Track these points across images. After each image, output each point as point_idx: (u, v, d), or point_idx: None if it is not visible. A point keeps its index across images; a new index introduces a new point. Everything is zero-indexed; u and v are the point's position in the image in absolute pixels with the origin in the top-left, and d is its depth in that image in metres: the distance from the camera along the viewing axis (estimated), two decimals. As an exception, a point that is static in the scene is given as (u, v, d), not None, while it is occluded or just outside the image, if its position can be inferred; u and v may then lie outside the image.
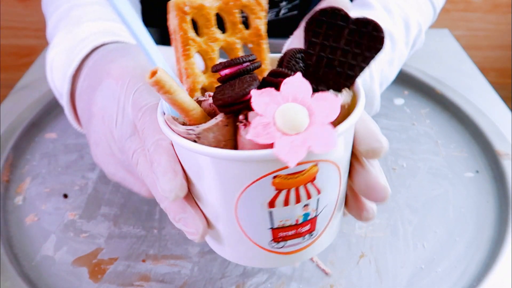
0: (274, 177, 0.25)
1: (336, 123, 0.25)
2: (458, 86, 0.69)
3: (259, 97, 0.24)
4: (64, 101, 0.41)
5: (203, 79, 0.30)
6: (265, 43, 0.31)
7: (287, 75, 0.25)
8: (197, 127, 0.26)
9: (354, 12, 0.52)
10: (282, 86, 0.24)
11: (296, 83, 0.24)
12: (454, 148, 0.58)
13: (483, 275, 0.42)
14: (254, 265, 0.32)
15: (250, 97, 0.24)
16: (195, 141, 0.26)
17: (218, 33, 0.29)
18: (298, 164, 0.24)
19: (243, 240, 0.29)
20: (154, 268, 0.43)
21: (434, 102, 0.67)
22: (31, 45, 1.35)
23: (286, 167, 0.25)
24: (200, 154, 0.26)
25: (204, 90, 0.30)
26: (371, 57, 0.27)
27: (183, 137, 0.26)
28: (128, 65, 0.35)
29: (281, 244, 0.29)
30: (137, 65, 0.35)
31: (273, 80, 0.26)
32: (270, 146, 0.23)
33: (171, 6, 0.27)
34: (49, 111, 0.64)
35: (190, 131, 0.26)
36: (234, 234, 0.29)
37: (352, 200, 0.32)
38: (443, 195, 0.51)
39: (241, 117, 0.26)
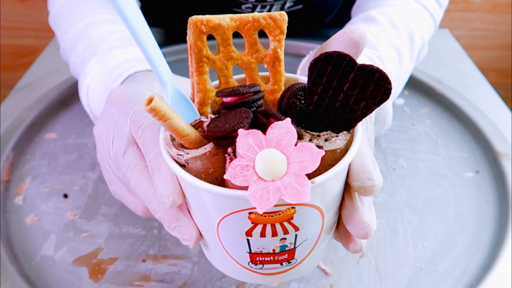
0: (250, 213, 0.26)
1: (325, 166, 0.26)
2: (458, 86, 0.69)
3: (244, 138, 0.25)
4: None
5: (214, 94, 0.31)
6: (280, 65, 0.31)
7: (278, 119, 0.26)
8: (187, 153, 0.27)
9: (360, 24, 0.51)
10: (269, 130, 0.25)
11: (283, 129, 0.25)
12: (454, 148, 0.58)
13: (483, 275, 0.42)
14: (237, 278, 0.33)
15: (237, 135, 0.25)
16: (184, 166, 0.27)
17: (234, 52, 0.30)
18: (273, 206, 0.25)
19: (226, 257, 0.31)
20: (154, 268, 0.43)
21: (434, 102, 0.67)
22: (31, 45, 1.35)
23: None
24: (183, 180, 0.28)
25: (215, 105, 0.32)
26: (376, 104, 0.27)
27: (175, 160, 0.28)
28: (126, 91, 0.36)
29: (260, 266, 0.30)
30: (135, 90, 0.36)
31: (264, 121, 0.27)
32: (245, 188, 0.24)
33: (189, 23, 0.29)
34: (49, 111, 0.64)
35: (180, 157, 0.27)
36: (218, 250, 0.31)
37: (342, 230, 0.32)
38: (443, 195, 0.51)
39: (229, 150, 0.27)
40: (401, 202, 0.50)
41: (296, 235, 0.28)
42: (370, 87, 0.27)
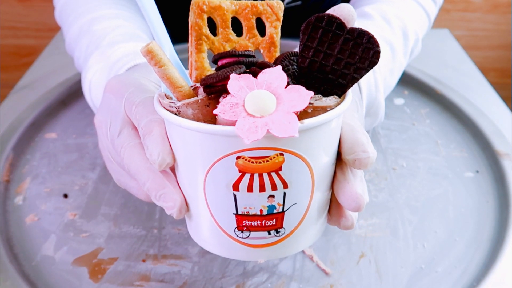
0: (238, 157, 0.26)
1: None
2: (458, 86, 0.69)
3: (236, 81, 0.26)
4: None
5: (211, 72, 0.31)
6: (276, 51, 0.32)
7: (269, 67, 0.27)
8: (179, 101, 0.28)
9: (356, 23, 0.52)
10: (260, 75, 0.26)
11: (274, 74, 0.26)
12: (454, 148, 0.58)
13: (483, 275, 0.42)
14: (223, 255, 0.32)
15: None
16: (176, 115, 0.28)
17: (232, 35, 0.31)
18: (259, 148, 0.26)
19: (211, 226, 0.30)
20: (154, 268, 0.43)
21: (434, 102, 0.67)
22: (31, 45, 1.35)
23: (249, 149, 0.26)
24: (169, 122, 0.28)
25: None
26: (365, 69, 0.28)
27: (166, 109, 0.28)
28: (121, 78, 0.37)
29: (246, 233, 0.29)
30: (131, 76, 0.37)
31: (256, 71, 0.27)
32: (233, 122, 0.25)
33: (192, 3, 0.30)
34: (49, 111, 0.64)
35: (172, 104, 0.28)
36: (203, 218, 0.30)
37: (334, 206, 0.33)
38: (443, 195, 0.51)
39: (221, 99, 0.27)
40: (401, 202, 0.50)
41: (284, 193, 0.28)
42: (359, 50, 0.27)
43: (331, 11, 0.32)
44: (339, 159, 0.30)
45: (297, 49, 0.30)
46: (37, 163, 0.56)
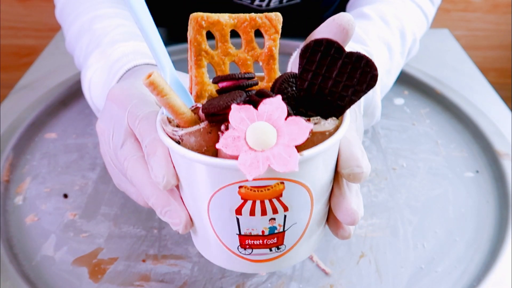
0: (240, 187, 0.27)
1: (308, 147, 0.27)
2: (458, 86, 0.69)
3: (237, 112, 0.26)
4: None
5: (211, 88, 0.32)
6: (275, 63, 0.32)
7: (269, 96, 0.27)
8: (181, 129, 0.28)
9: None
10: (261, 105, 0.26)
11: (274, 105, 0.26)
12: (454, 148, 0.58)
13: (483, 275, 0.42)
14: (226, 267, 0.33)
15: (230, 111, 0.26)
16: (179, 142, 0.28)
17: (231, 49, 0.32)
18: (260, 179, 0.26)
19: (215, 243, 0.31)
20: (154, 268, 0.43)
21: (434, 102, 0.67)
22: (31, 45, 1.35)
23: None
24: (177, 154, 0.28)
25: (211, 96, 0.32)
26: (363, 91, 0.28)
27: (170, 136, 0.29)
28: (124, 87, 0.38)
29: (249, 251, 0.31)
30: (133, 85, 0.38)
31: (256, 99, 0.27)
32: (236, 157, 0.25)
33: (190, 18, 0.30)
34: (49, 111, 0.64)
35: (175, 132, 0.28)
36: (208, 235, 0.31)
37: (331, 218, 0.33)
38: (443, 195, 0.51)
39: (222, 127, 0.28)
40: (401, 202, 0.50)
41: (285, 216, 0.29)
42: (357, 73, 0.28)
43: (331, 20, 0.32)
44: (336, 172, 0.31)
45: (295, 57, 0.30)
46: (37, 163, 0.56)
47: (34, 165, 0.55)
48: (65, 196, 0.51)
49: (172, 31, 0.75)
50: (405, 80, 0.70)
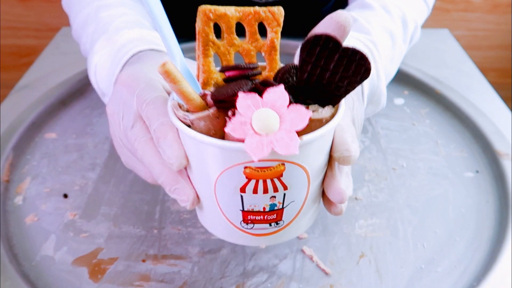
0: (245, 167, 0.30)
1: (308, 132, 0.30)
2: (458, 86, 0.69)
3: (243, 99, 0.28)
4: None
5: (217, 76, 0.34)
6: (276, 54, 0.35)
7: (272, 85, 0.29)
8: (192, 114, 0.31)
9: (355, 14, 0.55)
10: (265, 94, 0.29)
11: (277, 93, 0.29)
12: (454, 148, 0.58)
13: (483, 275, 0.42)
14: (229, 240, 0.36)
15: (237, 98, 0.29)
16: (189, 126, 0.31)
17: (236, 40, 0.34)
18: (264, 160, 0.29)
19: (220, 218, 0.34)
20: (154, 268, 0.43)
21: (434, 102, 0.67)
22: (31, 45, 1.35)
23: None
24: (188, 137, 0.31)
25: (217, 84, 0.35)
26: (357, 82, 0.31)
27: (181, 120, 0.31)
28: (133, 71, 0.40)
29: (250, 226, 0.33)
30: (141, 70, 0.40)
31: (260, 88, 0.30)
32: (242, 140, 0.28)
33: (199, 11, 0.32)
34: (49, 111, 0.64)
35: (186, 117, 0.31)
36: (213, 211, 0.34)
37: (325, 197, 0.36)
38: (443, 195, 0.51)
39: (229, 112, 0.30)
40: (401, 202, 0.50)
41: (284, 194, 0.32)
42: (353, 66, 0.31)
43: (329, 18, 0.34)
44: (330, 155, 0.34)
45: (296, 59, 0.31)
46: (37, 163, 0.56)
47: (34, 165, 0.55)
48: (65, 196, 0.51)
49: (177, 28, 0.75)
50: (405, 80, 0.70)
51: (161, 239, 0.46)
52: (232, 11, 0.33)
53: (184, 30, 0.52)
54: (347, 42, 0.43)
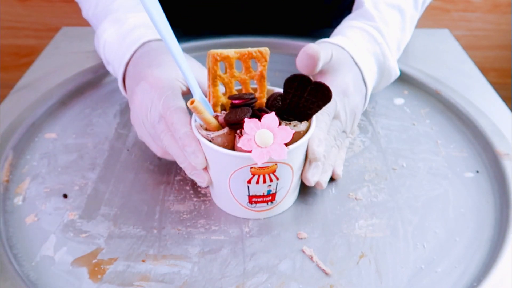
0: (251, 167, 0.43)
1: (294, 142, 0.43)
2: (458, 86, 0.69)
3: (248, 123, 0.41)
4: (119, 78, 0.56)
5: (223, 99, 0.47)
6: (264, 81, 0.48)
7: (267, 113, 0.43)
8: (213, 133, 0.44)
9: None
10: (262, 119, 0.42)
11: (271, 118, 0.42)
12: (454, 148, 0.58)
13: (483, 275, 0.42)
14: (237, 215, 0.49)
15: (244, 122, 0.41)
16: (210, 141, 0.43)
17: (236, 72, 0.47)
18: (265, 163, 0.41)
19: (231, 200, 0.47)
20: (154, 268, 0.43)
21: (434, 102, 0.67)
22: (31, 45, 1.35)
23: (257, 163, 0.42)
24: (211, 149, 0.43)
25: (223, 106, 0.48)
26: (323, 105, 0.44)
27: (204, 137, 0.44)
28: (160, 76, 0.49)
29: (254, 205, 0.47)
30: (166, 77, 0.49)
31: (258, 114, 0.44)
32: (250, 151, 0.40)
33: (209, 54, 0.45)
34: (49, 111, 0.64)
35: (208, 135, 0.43)
36: (227, 196, 0.47)
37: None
38: (443, 195, 0.51)
39: (238, 131, 0.43)
40: (401, 202, 0.50)
41: (277, 183, 0.45)
42: (319, 94, 0.43)
43: (302, 51, 0.47)
44: (306, 155, 0.47)
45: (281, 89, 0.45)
46: (37, 163, 0.56)
47: (34, 165, 0.55)
48: (65, 196, 0.51)
49: (184, 29, 0.76)
50: (405, 80, 0.70)
51: (161, 239, 0.46)
52: (232, 53, 0.46)
53: (185, 30, 0.54)
54: (351, 33, 0.57)
